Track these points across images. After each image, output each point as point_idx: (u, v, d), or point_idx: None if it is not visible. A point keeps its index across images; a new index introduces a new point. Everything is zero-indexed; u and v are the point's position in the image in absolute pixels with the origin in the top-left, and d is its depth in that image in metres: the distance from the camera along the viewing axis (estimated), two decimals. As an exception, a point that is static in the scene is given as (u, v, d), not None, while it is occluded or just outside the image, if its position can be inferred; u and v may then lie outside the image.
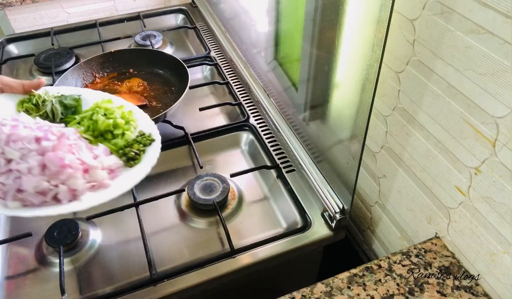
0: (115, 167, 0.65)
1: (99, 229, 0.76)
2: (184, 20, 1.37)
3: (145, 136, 0.71)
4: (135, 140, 0.69)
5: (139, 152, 0.68)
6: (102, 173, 0.63)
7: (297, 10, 0.80)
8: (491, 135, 0.51)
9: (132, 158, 0.67)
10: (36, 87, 0.72)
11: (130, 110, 0.74)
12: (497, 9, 0.46)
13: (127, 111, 0.74)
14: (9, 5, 1.31)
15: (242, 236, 0.75)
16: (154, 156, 0.68)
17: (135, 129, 0.72)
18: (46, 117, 0.71)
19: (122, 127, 0.70)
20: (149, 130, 0.72)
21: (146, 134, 0.71)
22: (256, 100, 1.00)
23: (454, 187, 0.58)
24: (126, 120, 0.72)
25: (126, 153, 0.67)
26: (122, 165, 0.66)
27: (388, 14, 0.51)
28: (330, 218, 0.73)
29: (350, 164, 0.68)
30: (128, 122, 0.72)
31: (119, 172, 0.65)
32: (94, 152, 0.65)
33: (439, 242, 0.64)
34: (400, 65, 0.62)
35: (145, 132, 0.72)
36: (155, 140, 0.70)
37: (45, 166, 0.58)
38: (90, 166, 0.62)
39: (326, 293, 0.58)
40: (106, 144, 0.68)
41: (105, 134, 0.70)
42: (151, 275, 0.66)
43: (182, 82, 0.95)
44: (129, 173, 0.65)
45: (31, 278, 0.69)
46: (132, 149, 0.68)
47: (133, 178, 0.64)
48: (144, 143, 0.69)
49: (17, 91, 0.72)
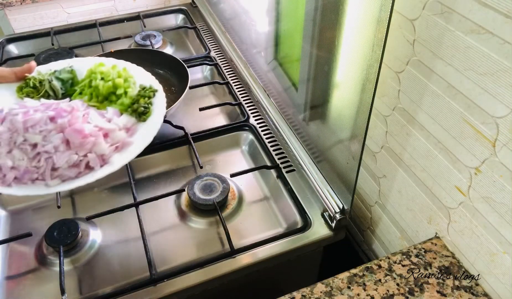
0: (130, 124, 0.67)
1: (99, 229, 0.76)
2: (184, 20, 1.37)
3: (147, 89, 0.72)
4: (139, 95, 0.70)
5: (147, 105, 0.69)
6: (121, 133, 0.65)
7: (297, 10, 0.80)
8: (491, 135, 0.51)
9: (143, 112, 0.68)
10: (28, 71, 0.73)
11: (124, 67, 0.75)
12: (497, 9, 0.46)
13: (122, 69, 0.74)
14: (9, 5, 1.31)
15: (242, 236, 0.75)
16: (162, 105, 0.69)
17: (135, 85, 0.73)
18: (48, 96, 0.72)
19: (123, 86, 0.71)
20: (148, 82, 0.73)
21: (147, 86, 0.72)
22: (256, 100, 1.00)
23: (454, 187, 0.58)
24: (124, 79, 0.72)
25: (135, 109, 0.68)
26: (135, 121, 0.68)
27: (388, 14, 0.51)
28: (330, 218, 0.73)
29: (350, 164, 0.68)
30: (126, 79, 0.72)
31: (135, 128, 0.67)
32: (106, 116, 0.67)
33: (439, 242, 0.64)
34: (400, 65, 0.62)
35: (145, 85, 0.73)
36: (157, 90, 0.71)
37: (68, 141, 0.60)
38: (108, 129, 0.64)
39: (326, 293, 0.58)
40: (114, 106, 0.69)
41: (109, 97, 0.71)
42: (151, 275, 0.66)
43: (182, 82, 0.95)
44: (145, 126, 0.67)
45: (31, 278, 0.69)
46: (140, 104, 0.69)
47: (151, 130, 0.66)
48: (148, 95, 0.70)
49: (11, 80, 0.72)
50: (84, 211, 0.79)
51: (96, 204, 0.81)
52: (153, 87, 0.72)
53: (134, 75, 0.75)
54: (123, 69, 0.75)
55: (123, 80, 0.72)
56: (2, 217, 0.78)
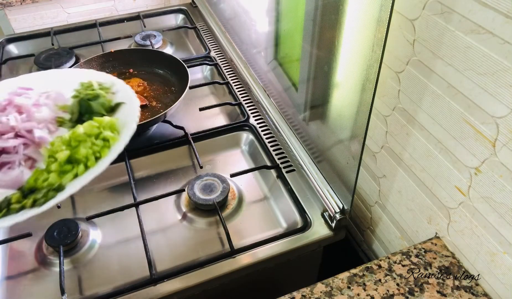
0: None
1: (99, 229, 0.76)
2: (184, 20, 1.37)
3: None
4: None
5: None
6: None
7: (297, 10, 0.80)
8: (491, 135, 0.51)
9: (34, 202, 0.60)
10: None
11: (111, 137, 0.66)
12: (497, 9, 0.46)
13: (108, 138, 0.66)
14: (9, 5, 1.31)
15: (242, 236, 0.75)
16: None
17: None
18: (71, 114, 0.70)
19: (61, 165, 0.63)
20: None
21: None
22: (256, 100, 1.00)
23: (454, 187, 0.58)
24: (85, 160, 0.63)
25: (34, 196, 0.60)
26: None
27: (388, 14, 0.51)
28: (330, 218, 0.73)
29: (350, 164, 0.68)
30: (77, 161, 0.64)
31: None
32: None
33: (439, 242, 0.64)
34: (400, 65, 0.62)
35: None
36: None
37: None
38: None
39: (326, 293, 0.58)
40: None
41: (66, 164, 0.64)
42: (151, 275, 0.66)
43: (182, 82, 0.95)
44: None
45: (31, 278, 0.69)
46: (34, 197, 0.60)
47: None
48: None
49: None
50: (84, 211, 0.79)
51: (96, 204, 0.81)
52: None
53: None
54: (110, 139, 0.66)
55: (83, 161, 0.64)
56: (2, 217, 0.78)
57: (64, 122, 0.72)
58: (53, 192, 0.60)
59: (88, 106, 0.70)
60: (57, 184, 0.60)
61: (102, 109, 0.71)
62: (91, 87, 0.73)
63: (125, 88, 0.75)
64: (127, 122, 0.68)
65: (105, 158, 0.63)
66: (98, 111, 0.71)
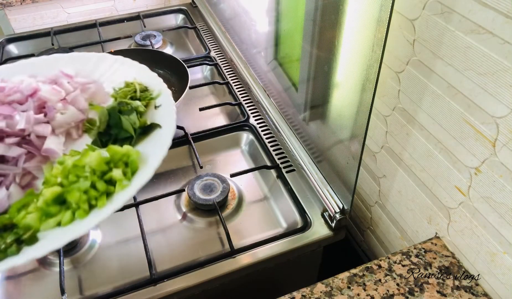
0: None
1: (99, 229, 0.76)
2: (184, 20, 1.37)
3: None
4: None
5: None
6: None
7: (297, 10, 0.80)
8: (491, 135, 0.51)
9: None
10: None
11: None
12: (497, 9, 0.46)
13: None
14: (9, 5, 1.31)
15: (242, 236, 0.75)
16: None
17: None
18: (99, 120, 0.56)
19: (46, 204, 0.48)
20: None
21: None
22: (256, 100, 1.00)
23: (454, 187, 0.58)
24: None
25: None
26: None
27: (388, 14, 0.51)
28: (330, 218, 0.73)
29: (350, 164, 0.68)
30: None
31: None
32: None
33: (439, 242, 0.64)
34: (400, 65, 0.62)
35: None
36: None
37: None
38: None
39: (326, 293, 0.58)
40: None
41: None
42: (151, 275, 0.66)
43: (182, 82, 0.95)
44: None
45: (31, 278, 0.69)
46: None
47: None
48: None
49: None
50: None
51: (96, 204, 0.81)
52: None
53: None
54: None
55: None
56: (2, 217, 0.78)
57: (91, 129, 0.58)
58: (22, 244, 0.45)
59: (118, 120, 0.56)
60: (30, 232, 0.45)
61: (131, 128, 0.56)
62: (131, 93, 0.59)
63: (170, 103, 0.58)
64: (148, 158, 0.52)
65: (99, 210, 0.47)
66: (127, 129, 0.56)
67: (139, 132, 0.56)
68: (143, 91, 0.59)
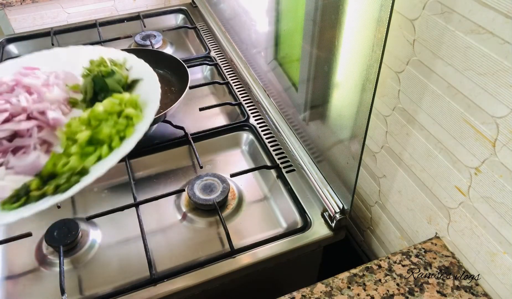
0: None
1: (99, 229, 0.76)
2: (184, 20, 1.37)
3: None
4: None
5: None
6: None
7: (297, 10, 0.80)
8: (491, 135, 0.51)
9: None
10: None
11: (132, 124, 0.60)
12: (497, 9, 0.46)
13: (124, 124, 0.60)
14: (9, 5, 1.31)
15: (242, 236, 0.75)
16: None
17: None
18: (84, 93, 0.64)
19: (82, 147, 0.58)
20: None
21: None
22: (256, 100, 1.00)
23: (454, 187, 0.58)
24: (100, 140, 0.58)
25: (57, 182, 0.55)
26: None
27: (388, 14, 0.51)
28: (330, 218, 0.73)
29: (350, 164, 0.68)
30: (102, 143, 0.58)
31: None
32: (9, 158, 0.57)
33: (439, 242, 0.64)
34: (400, 65, 0.62)
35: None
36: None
37: None
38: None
39: (326, 293, 0.58)
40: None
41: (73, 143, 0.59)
42: (151, 275, 0.66)
43: (182, 82, 0.95)
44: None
45: (31, 278, 0.69)
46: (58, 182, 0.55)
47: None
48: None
49: None
50: (84, 211, 0.79)
51: (96, 204, 0.81)
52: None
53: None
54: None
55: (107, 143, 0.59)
56: (2, 217, 0.78)
57: (77, 103, 0.66)
58: (77, 176, 0.55)
59: (103, 83, 0.64)
60: (80, 168, 0.55)
61: (119, 86, 0.65)
62: (104, 64, 0.67)
63: (140, 63, 0.69)
64: (148, 99, 0.62)
65: (130, 137, 0.57)
66: (115, 89, 0.64)
67: (125, 89, 0.65)
68: (111, 61, 0.67)
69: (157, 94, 0.62)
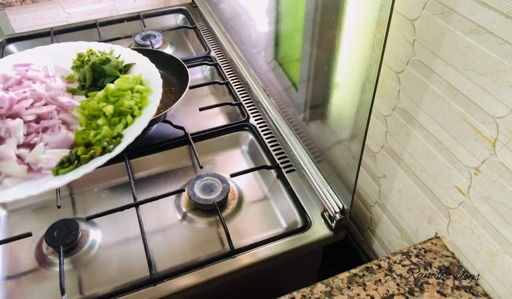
0: (44, 166, 0.63)
1: (99, 229, 0.76)
2: (184, 20, 1.37)
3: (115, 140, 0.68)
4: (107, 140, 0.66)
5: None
6: (14, 167, 0.62)
7: (297, 10, 0.80)
8: (491, 135, 0.51)
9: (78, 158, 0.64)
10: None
11: (145, 97, 0.70)
12: (497, 9, 0.46)
13: (139, 100, 0.70)
14: (9, 5, 1.31)
15: (242, 236, 0.75)
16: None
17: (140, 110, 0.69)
18: (83, 80, 0.71)
19: (108, 119, 0.68)
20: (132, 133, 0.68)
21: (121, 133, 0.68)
22: (256, 100, 1.00)
23: (454, 187, 0.58)
24: (122, 111, 0.68)
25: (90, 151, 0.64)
26: (50, 169, 0.63)
27: (388, 14, 0.51)
28: (330, 218, 0.73)
29: (350, 164, 0.68)
30: (125, 114, 0.68)
31: (43, 172, 0.63)
32: (41, 137, 0.64)
33: (439, 242, 0.64)
34: (400, 65, 0.62)
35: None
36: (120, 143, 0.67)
37: None
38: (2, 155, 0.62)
39: (326, 293, 0.58)
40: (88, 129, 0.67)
41: (95, 118, 0.68)
42: (151, 275, 0.66)
43: (182, 82, 0.95)
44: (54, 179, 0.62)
45: (31, 278, 0.69)
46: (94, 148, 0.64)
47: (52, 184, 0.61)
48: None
49: None
50: (84, 211, 0.79)
51: (96, 204, 0.81)
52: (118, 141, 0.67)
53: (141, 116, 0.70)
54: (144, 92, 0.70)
55: (117, 112, 0.68)
56: (2, 217, 0.78)
57: (76, 91, 0.73)
58: (117, 139, 0.64)
59: (101, 70, 0.71)
60: (115, 134, 0.64)
61: (116, 70, 0.72)
62: (94, 54, 0.74)
63: (127, 50, 0.76)
64: (149, 77, 0.70)
65: (147, 107, 0.67)
66: (113, 73, 0.72)
67: (121, 73, 0.73)
68: (100, 52, 0.74)
69: (155, 71, 0.70)
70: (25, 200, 0.80)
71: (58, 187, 0.64)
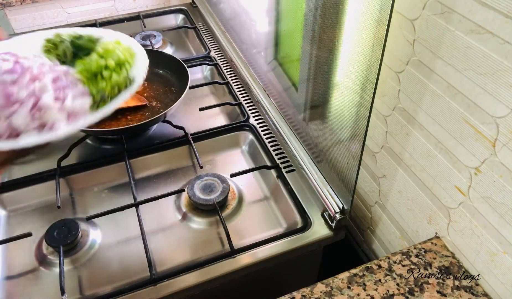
0: (79, 111, 0.64)
1: (99, 229, 0.76)
2: (184, 20, 1.37)
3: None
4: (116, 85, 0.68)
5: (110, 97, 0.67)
6: (56, 115, 0.62)
7: (297, 10, 0.80)
8: (491, 135, 0.51)
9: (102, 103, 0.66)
10: None
11: (133, 53, 0.72)
12: (497, 9, 0.46)
13: (128, 53, 0.72)
14: (9, 5, 1.31)
15: (242, 236, 0.75)
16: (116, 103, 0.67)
17: (125, 73, 0.70)
18: (64, 57, 0.70)
19: (111, 69, 0.69)
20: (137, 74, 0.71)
21: (131, 78, 0.70)
22: (256, 100, 1.00)
23: (454, 187, 0.58)
24: (120, 62, 0.70)
25: (101, 98, 0.66)
26: (87, 111, 0.65)
27: (388, 14, 0.51)
28: (330, 218, 0.73)
29: (350, 164, 0.68)
30: (123, 63, 0.70)
31: (80, 117, 0.64)
32: (65, 92, 0.64)
33: (439, 242, 0.64)
34: (400, 65, 0.62)
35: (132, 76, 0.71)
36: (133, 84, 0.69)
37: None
38: (42, 104, 0.61)
39: (326, 293, 0.58)
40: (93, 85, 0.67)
41: (97, 75, 0.68)
42: (151, 275, 0.66)
43: (182, 82, 0.95)
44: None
45: (31, 278, 0.69)
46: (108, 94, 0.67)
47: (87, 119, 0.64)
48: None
49: None
50: (84, 211, 0.79)
51: (96, 204, 0.81)
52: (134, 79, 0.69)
53: (134, 66, 0.72)
54: (129, 54, 0.72)
55: (117, 63, 0.69)
56: (2, 217, 0.78)
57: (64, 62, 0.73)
58: (129, 80, 0.66)
59: (79, 45, 0.72)
60: (123, 76, 0.66)
61: (92, 43, 0.73)
62: (62, 35, 0.74)
63: (94, 29, 0.77)
64: (127, 44, 0.71)
65: (138, 57, 0.70)
66: (90, 46, 0.72)
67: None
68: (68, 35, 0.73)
69: (131, 39, 0.72)
70: (25, 200, 0.80)
71: (97, 120, 0.65)
